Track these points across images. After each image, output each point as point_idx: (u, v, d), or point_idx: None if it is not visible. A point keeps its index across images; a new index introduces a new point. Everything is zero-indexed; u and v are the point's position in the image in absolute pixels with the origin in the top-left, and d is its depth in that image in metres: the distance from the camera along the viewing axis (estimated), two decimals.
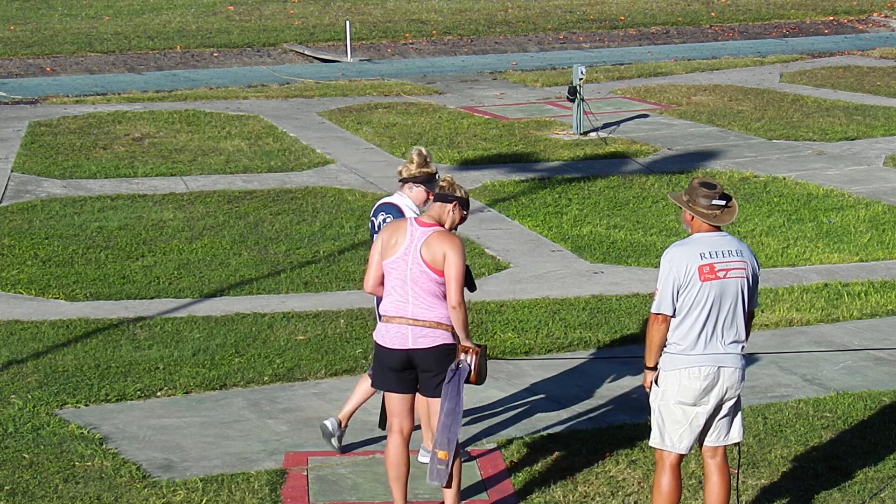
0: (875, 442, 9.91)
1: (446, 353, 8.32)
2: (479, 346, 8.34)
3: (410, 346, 8.32)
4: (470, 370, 8.29)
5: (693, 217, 8.04)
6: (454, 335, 8.34)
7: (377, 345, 8.46)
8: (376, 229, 9.26)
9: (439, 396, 8.37)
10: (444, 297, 8.31)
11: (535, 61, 29.17)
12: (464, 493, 9.08)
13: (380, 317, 8.50)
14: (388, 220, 9.12)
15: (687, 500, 8.88)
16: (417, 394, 8.63)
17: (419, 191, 9.21)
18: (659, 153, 19.79)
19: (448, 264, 8.24)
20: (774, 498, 9.04)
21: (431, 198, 8.67)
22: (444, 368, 8.30)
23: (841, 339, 12.33)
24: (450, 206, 8.40)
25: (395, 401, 8.52)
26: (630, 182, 18.00)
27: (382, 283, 8.44)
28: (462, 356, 8.27)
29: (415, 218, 8.45)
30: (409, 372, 8.41)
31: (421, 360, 8.34)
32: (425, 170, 9.21)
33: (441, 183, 8.46)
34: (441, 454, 8.35)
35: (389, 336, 8.37)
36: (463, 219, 8.50)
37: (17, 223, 15.90)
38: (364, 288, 8.57)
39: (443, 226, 8.39)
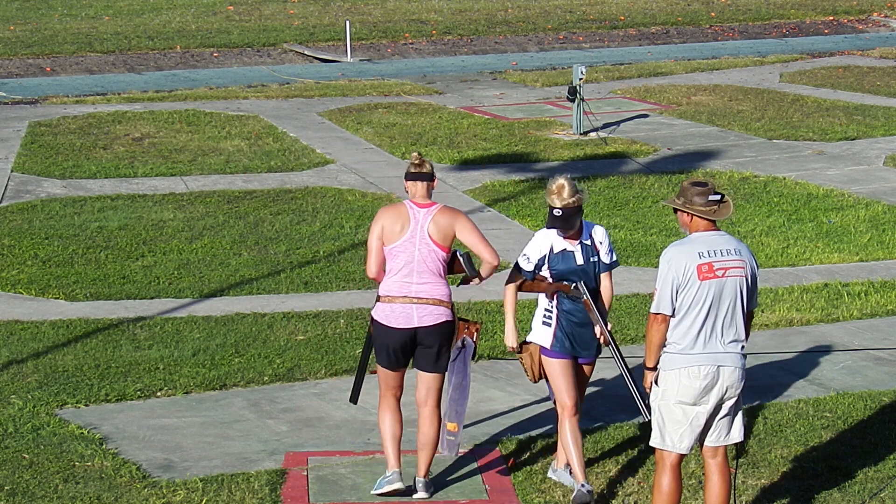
0: (875, 442, 9.91)
1: (448, 329, 8.81)
2: (478, 323, 8.95)
3: (416, 324, 8.73)
4: (475, 346, 8.88)
5: (691, 218, 8.04)
6: (453, 312, 8.81)
7: (379, 324, 8.81)
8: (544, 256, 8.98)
9: (438, 371, 8.87)
10: (444, 275, 8.77)
11: (535, 61, 29.17)
12: (463, 493, 9.09)
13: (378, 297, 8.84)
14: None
15: (687, 500, 8.88)
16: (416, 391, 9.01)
17: None
18: (659, 153, 19.79)
19: (466, 232, 8.75)
20: (774, 498, 9.04)
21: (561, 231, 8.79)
22: (444, 343, 8.78)
23: (841, 339, 12.33)
24: (433, 182, 8.87)
25: (392, 376, 8.95)
26: (630, 182, 18.00)
27: (384, 268, 8.82)
28: (464, 334, 8.82)
29: (411, 200, 8.82)
30: (410, 349, 8.84)
31: (424, 336, 8.76)
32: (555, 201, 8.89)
33: (414, 161, 8.85)
34: (451, 426, 8.98)
35: (394, 316, 8.75)
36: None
37: (17, 223, 15.91)
38: (367, 274, 8.93)
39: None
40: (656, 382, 8.05)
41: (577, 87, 20.63)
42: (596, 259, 8.91)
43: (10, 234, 15.45)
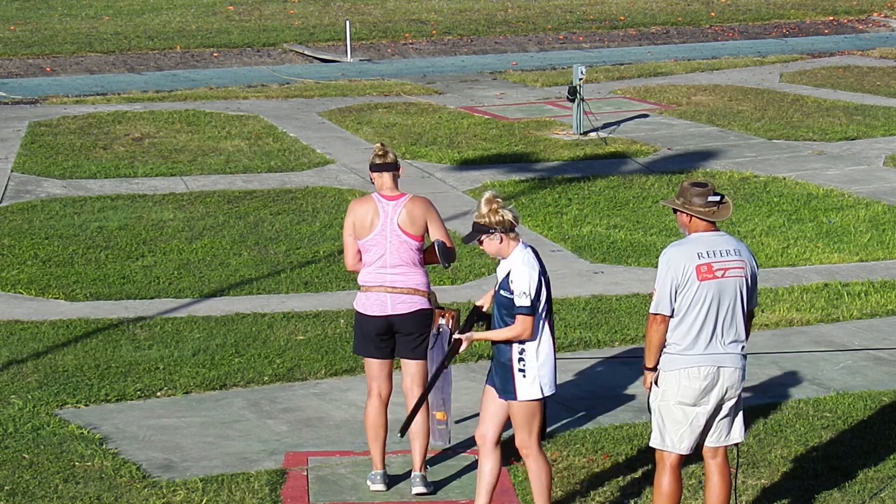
0: (875, 442, 9.91)
1: (423, 318, 8.94)
2: (454, 311, 8.95)
3: (390, 311, 8.90)
4: (450, 333, 8.80)
5: (690, 218, 8.04)
6: (430, 301, 8.96)
7: (358, 313, 9.01)
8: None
9: (417, 357, 8.98)
10: (419, 263, 8.93)
11: (535, 61, 29.16)
12: (463, 493, 9.09)
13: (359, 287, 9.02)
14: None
15: (687, 500, 8.88)
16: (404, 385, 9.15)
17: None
18: (659, 153, 19.78)
19: (434, 226, 8.96)
20: (774, 498, 9.04)
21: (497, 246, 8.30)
22: (421, 331, 8.92)
23: (841, 339, 12.33)
24: (399, 171, 9.02)
25: (375, 366, 9.07)
26: (630, 182, 17.99)
27: (361, 259, 9.00)
28: (440, 321, 8.85)
29: (379, 192, 8.98)
30: (388, 338, 8.97)
31: (400, 324, 8.91)
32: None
33: (378, 153, 8.98)
34: (439, 415, 9.09)
35: (370, 304, 8.94)
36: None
37: (17, 223, 15.91)
38: (346, 268, 9.15)
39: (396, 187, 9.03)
40: (656, 383, 8.05)
41: (577, 87, 20.63)
42: (508, 295, 8.09)
43: (10, 234, 15.45)
